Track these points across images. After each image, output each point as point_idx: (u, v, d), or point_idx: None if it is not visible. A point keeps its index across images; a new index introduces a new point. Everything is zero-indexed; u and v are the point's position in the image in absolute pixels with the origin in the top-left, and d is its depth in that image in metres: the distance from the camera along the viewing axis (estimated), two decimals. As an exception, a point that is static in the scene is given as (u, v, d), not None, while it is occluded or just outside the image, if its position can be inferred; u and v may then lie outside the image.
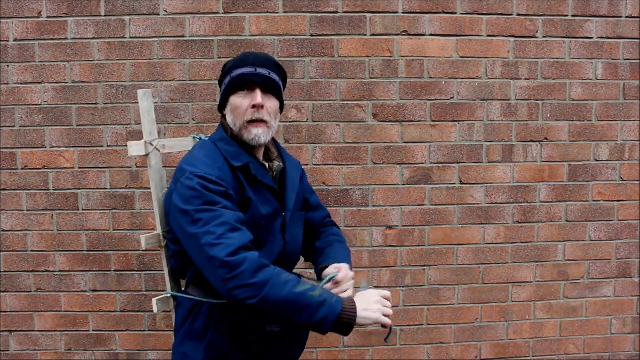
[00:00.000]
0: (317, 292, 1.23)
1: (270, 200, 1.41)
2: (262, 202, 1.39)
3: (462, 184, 2.39)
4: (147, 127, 1.54)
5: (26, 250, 2.34)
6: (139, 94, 1.52)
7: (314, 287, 1.25)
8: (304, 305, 1.20)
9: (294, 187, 1.47)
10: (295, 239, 1.48)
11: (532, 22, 2.35)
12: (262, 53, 1.47)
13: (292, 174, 1.49)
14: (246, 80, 1.36)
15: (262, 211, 1.38)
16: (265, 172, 1.42)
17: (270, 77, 1.38)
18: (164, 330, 2.38)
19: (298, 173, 1.54)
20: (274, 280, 1.20)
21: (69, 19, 2.24)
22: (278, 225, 1.42)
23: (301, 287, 1.22)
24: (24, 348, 2.39)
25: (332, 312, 1.20)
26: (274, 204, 1.42)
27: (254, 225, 1.35)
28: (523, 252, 2.45)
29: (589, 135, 2.43)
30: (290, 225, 1.45)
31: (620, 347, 2.54)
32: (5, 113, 2.28)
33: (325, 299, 1.22)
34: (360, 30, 2.30)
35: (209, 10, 2.25)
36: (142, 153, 1.53)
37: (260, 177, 1.39)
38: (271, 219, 1.40)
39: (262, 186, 1.39)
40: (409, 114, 2.35)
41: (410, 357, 2.45)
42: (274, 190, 1.42)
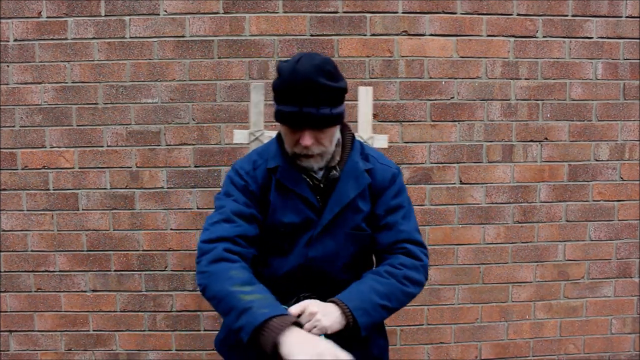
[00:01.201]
0: (250, 296, 1.11)
1: (300, 209, 1.31)
2: (289, 209, 1.31)
3: (462, 184, 2.39)
4: (253, 119, 1.70)
5: (26, 250, 2.34)
6: (251, 86, 1.67)
7: (253, 291, 1.13)
8: (230, 306, 1.12)
9: (339, 201, 1.31)
10: (327, 257, 1.32)
11: (532, 22, 2.35)
12: (309, 70, 1.16)
13: (344, 187, 1.31)
14: (292, 121, 1.21)
15: (283, 218, 1.31)
16: (299, 179, 1.31)
17: (319, 115, 1.19)
18: (164, 330, 2.38)
19: (357, 187, 1.32)
20: (220, 274, 1.17)
21: (69, 19, 2.24)
22: (305, 238, 1.32)
23: (238, 287, 1.13)
24: (24, 348, 2.39)
25: (250, 323, 1.06)
26: (306, 214, 1.31)
27: (272, 230, 1.32)
28: (523, 252, 2.45)
29: (589, 135, 2.43)
30: (324, 240, 1.32)
31: (620, 347, 2.54)
32: (5, 113, 2.28)
33: (251, 306, 1.08)
34: (360, 30, 2.30)
35: (209, 10, 2.25)
36: (245, 141, 1.67)
37: (287, 184, 1.30)
38: (296, 229, 1.32)
39: (292, 193, 1.31)
40: (409, 114, 2.35)
41: (410, 357, 2.45)
42: (307, 200, 1.31)
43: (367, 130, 1.70)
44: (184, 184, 2.31)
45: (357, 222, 1.34)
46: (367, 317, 1.20)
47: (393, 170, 1.40)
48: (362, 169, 1.34)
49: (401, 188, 1.40)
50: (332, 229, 1.32)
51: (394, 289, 1.26)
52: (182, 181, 2.31)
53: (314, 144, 1.24)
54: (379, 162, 1.40)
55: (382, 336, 1.46)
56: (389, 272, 1.28)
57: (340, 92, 1.23)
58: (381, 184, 1.37)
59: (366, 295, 1.23)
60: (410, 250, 1.33)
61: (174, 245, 2.34)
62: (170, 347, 2.39)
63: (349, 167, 1.34)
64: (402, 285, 1.27)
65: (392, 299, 1.26)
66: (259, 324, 1.05)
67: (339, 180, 1.32)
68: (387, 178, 1.38)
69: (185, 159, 2.31)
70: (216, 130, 2.30)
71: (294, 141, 1.26)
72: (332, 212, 1.31)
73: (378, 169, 1.38)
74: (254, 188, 1.31)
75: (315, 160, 1.28)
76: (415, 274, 1.30)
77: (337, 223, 1.32)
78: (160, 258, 2.35)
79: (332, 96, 1.21)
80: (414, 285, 1.30)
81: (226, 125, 2.29)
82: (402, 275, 1.28)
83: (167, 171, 2.31)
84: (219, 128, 2.30)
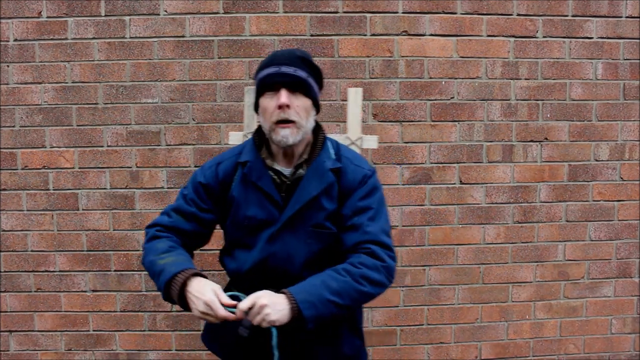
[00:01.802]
0: (164, 260, 1.28)
1: (264, 205, 1.36)
2: (252, 203, 1.37)
3: (462, 184, 2.39)
4: (247, 120, 1.81)
5: (26, 250, 2.34)
6: (245, 89, 1.78)
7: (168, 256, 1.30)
8: (152, 273, 1.31)
9: (300, 198, 1.34)
10: (287, 253, 1.35)
11: (532, 22, 2.35)
12: (290, 50, 1.38)
13: (307, 185, 1.35)
14: (271, 81, 1.32)
15: (247, 212, 1.37)
16: (264, 175, 1.37)
17: (296, 75, 1.31)
18: (164, 330, 2.38)
19: (320, 185, 1.36)
20: (150, 249, 1.36)
21: (69, 19, 2.24)
22: (267, 234, 1.36)
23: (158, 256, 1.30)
24: (24, 348, 2.39)
25: (162, 282, 1.26)
26: (269, 210, 1.36)
27: (237, 223, 1.40)
28: (523, 252, 2.45)
29: (589, 135, 2.43)
30: (285, 237, 1.36)
31: (620, 347, 2.54)
32: (5, 113, 2.28)
33: (163, 268, 1.27)
34: (360, 30, 2.30)
35: (209, 10, 2.26)
36: (239, 142, 1.73)
37: (252, 178, 1.37)
38: (260, 224, 1.37)
39: (256, 188, 1.37)
40: (409, 114, 2.35)
41: (410, 357, 2.45)
42: (271, 196, 1.36)
43: (356, 131, 1.74)
44: (184, 184, 2.31)
45: (319, 220, 1.36)
46: (313, 310, 1.22)
47: (365, 172, 1.41)
48: (327, 168, 1.37)
49: (372, 189, 1.41)
50: (293, 226, 1.35)
51: (347, 287, 1.27)
52: (182, 181, 2.31)
53: (290, 106, 1.30)
54: (353, 164, 1.42)
55: (356, 336, 1.48)
56: (347, 269, 1.29)
57: (315, 69, 1.38)
58: (350, 184, 1.38)
59: (317, 289, 1.25)
60: (374, 251, 1.33)
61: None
62: (170, 347, 2.39)
63: (315, 166, 1.37)
64: (357, 284, 1.28)
65: (344, 296, 1.26)
66: (167, 280, 1.24)
67: (303, 178, 1.36)
68: (357, 179, 1.39)
69: (185, 159, 2.31)
70: (216, 130, 2.30)
71: (272, 108, 1.32)
72: (292, 209, 1.34)
73: (349, 169, 1.40)
74: (212, 182, 1.42)
75: (291, 131, 1.32)
76: (374, 274, 1.30)
77: (299, 220, 1.35)
78: (160, 258, 2.34)
79: (308, 66, 1.35)
80: (372, 285, 1.30)
81: (226, 125, 2.29)
82: (360, 274, 1.28)
83: (167, 171, 2.31)
84: (219, 128, 2.30)
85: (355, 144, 1.76)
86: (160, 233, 1.40)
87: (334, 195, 1.38)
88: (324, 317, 1.25)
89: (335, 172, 1.38)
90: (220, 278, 2.36)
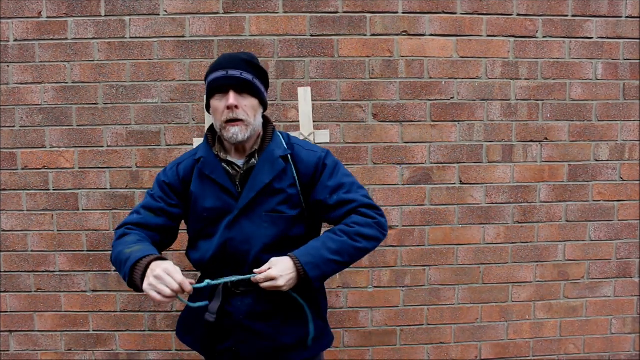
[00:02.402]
0: (129, 249, 1.35)
1: (219, 195, 1.46)
2: (209, 196, 1.47)
3: (462, 184, 2.39)
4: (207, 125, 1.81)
5: (26, 250, 2.34)
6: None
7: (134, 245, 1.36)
8: (119, 262, 1.37)
9: (253, 187, 1.44)
10: (245, 238, 1.44)
11: (532, 22, 2.35)
12: (236, 54, 1.46)
13: (259, 173, 1.45)
14: (219, 84, 1.42)
15: (205, 204, 1.47)
16: (218, 168, 1.47)
17: (242, 78, 1.41)
18: (164, 330, 2.38)
19: (272, 172, 1.46)
20: (119, 244, 1.42)
21: (69, 19, 2.24)
22: (225, 221, 1.45)
23: (125, 247, 1.37)
24: (24, 348, 2.39)
25: (127, 267, 1.32)
26: (224, 199, 1.46)
27: (197, 216, 1.49)
28: (523, 252, 2.45)
29: (589, 135, 2.43)
30: (242, 222, 1.45)
31: (620, 347, 2.54)
32: (5, 113, 2.28)
33: (128, 257, 1.33)
34: (360, 30, 2.30)
35: (209, 10, 2.26)
36: None
37: (206, 172, 1.47)
38: (218, 213, 1.46)
39: (211, 181, 1.47)
40: (409, 114, 2.35)
41: (410, 357, 2.45)
42: (225, 188, 1.46)
43: (308, 127, 1.86)
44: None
45: (273, 206, 1.46)
46: (317, 270, 1.35)
47: (318, 154, 1.51)
48: (277, 155, 1.48)
49: (334, 168, 1.51)
50: (249, 212, 1.45)
51: (345, 246, 1.39)
52: (182, 181, 2.31)
53: (238, 106, 1.41)
54: (305, 149, 1.53)
55: (319, 319, 1.59)
56: (342, 230, 1.41)
57: (261, 71, 1.47)
58: (308, 168, 1.49)
59: (317, 250, 1.38)
60: (363, 212, 1.44)
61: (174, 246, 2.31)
62: (170, 347, 2.39)
63: (265, 155, 1.48)
64: (353, 242, 1.40)
65: (343, 253, 1.39)
66: (131, 265, 1.30)
67: (254, 168, 1.46)
68: (313, 161, 1.49)
69: (185, 159, 2.31)
70: (216, 130, 2.30)
71: (222, 108, 1.42)
72: (247, 197, 1.44)
73: (303, 154, 1.51)
74: (174, 182, 1.52)
75: (240, 129, 1.42)
76: (367, 230, 1.42)
77: (254, 206, 1.45)
78: (160, 258, 2.35)
79: (253, 68, 1.44)
80: (367, 240, 1.42)
81: (226, 125, 2.29)
82: (354, 232, 1.40)
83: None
84: (219, 128, 2.30)
85: (308, 140, 1.86)
86: (129, 230, 1.47)
87: (291, 181, 1.48)
88: (327, 275, 1.40)
89: (288, 159, 1.49)
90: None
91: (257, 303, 1.47)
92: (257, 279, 1.34)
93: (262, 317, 1.48)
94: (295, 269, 1.35)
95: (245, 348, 1.48)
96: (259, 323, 1.47)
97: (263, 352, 1.49)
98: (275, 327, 1.49)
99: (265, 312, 1.47)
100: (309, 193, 1.49)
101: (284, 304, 1.48)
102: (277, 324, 1.49)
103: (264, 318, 1.48)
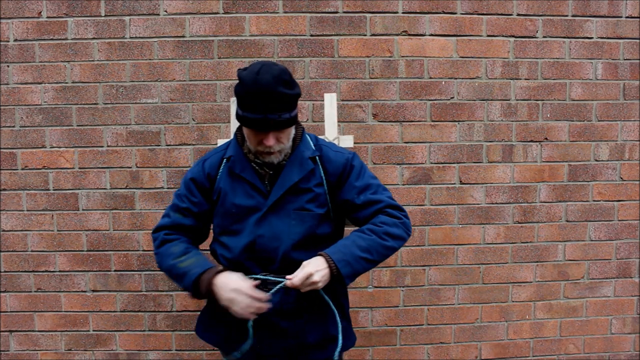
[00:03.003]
0: (184, 263, 1.43)
1: (250, 193, 1.49)
2: (239, 193, 1.50)
3: (462, 184, 2.39)
4: (233, 129, 1.89)
5: (26, 251, 2.34)
6: (231, 100, 1.88)
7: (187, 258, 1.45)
8: (176, 275, 1.45)
9: (282, 185, 1.48)
10: (276, 235, 1.48)
11: (532, 22, 2.35)
12: (270, 84, 1.33)
13: (288, 173, 1.49)
14: (257, 126, 1.39)
15: (234, 200, 1.50)
16: (247, 167, 1.50)
17: (281, 120, 1.38)
18: (164, 330, 2.38)
19: (300, 172, 1.49)
20: (164, 253, 1.49)
21: (69, 19, 2.24)
22: (254, 218, 1.48)
23: (176, 259, 1.45)
24: (24, 348, 2.39)
25: (188, 283, 1.41)
26: (254, 197, 1.49)
27: (225, 212, 1.52)
28: (523, 252, 2.45)
29: (589, 135, 2.43)
30: (271, 220, 1.48)
31: (620, 347, 2.54)
32: (5, 113, 2.28)
33: (186, 271, 1.42)
34: (360, 30, 2.30)
35: (209, 11, 2.26)
36: None
37: (236, 171, 1.50)
38: (246, 210, 1.49)
39: (241, 179, 1.50)
40: (409, 114, 2.35)
41: (410, 357, 2.45)
42: (255, 186, 1.49)
43: (333, 132, 1.93)
44: (184, 184, 2.31)
45: (302, 204, 1.50)
46: (349, 267, 1.40)
47: (346, 156, 1.56)
48: (306, 156, 1.52)
49: (361, 170, 1.56)
50: (277, 210, 1.49)
51: (374, 244, 1.44)
52: (182, 181, 2.31)
53: (275, 143, 1.43)
54: (332, 150, 1.57)
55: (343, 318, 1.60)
56: (371, 229, 1.47)
57: (296, 98, 1.43)
58: (335, 168, 1.53)
59: (348, 248, 1.42)
60: (390, 212, 1.51)
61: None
62: (170, 347, 2.39)
63: (295, 155, 1.51)
64: (382, 240, 1.45)
65: (373, 251, 1.44)
66: (192, 281, 1.39)
67: (284, 167, 1.50)
68: (341, 162, 1.53)
69: (185, 159, 2.31)
70: (216, 130, 2.30)
71: (258, 141, 1.44)
72: (276, 195, 1.48)
73: (331, 155, 1.55)
74: (200, 177, 1.55)
75: (275, 156, 1.47)
76: (395, 229, 1.48)
77: (283, 204, 1.49)
78: (160, 258, 2.34)
79: (290, 103, 1.39)
80: (395, 239, 1.47)
81: (226, 126, 2.29)
82: (383, 231, 1.46)
83: (167, 171, 2.31)
84: (219, 128, 2.30)
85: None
86: (169, 236, 1.52)
87: (318, 181, 1.52)
88: (358, 273, 1.44)
89: (316, 161, 1.53)
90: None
91: (285, 302, 1.48)
92: (294, 282, 1.36)
93: (289, 316, 1.49)
94: (328, 266, 1.39)
95: (269, 346, 1.51)
96: (285, 321, 1.49)
97: (287, 350, 1.51)
98: (301, 325, 1.51)
99: (292, 310, 1.49)
100: (335, 193, 1.54)
101: (309, 304, 1.50)
102: (302, 323, 1.51)
103: (291, 317, 1.50)
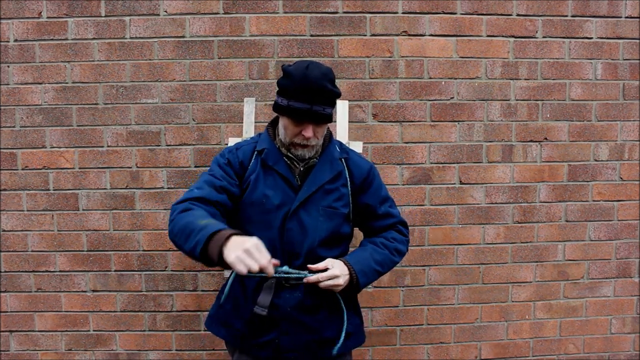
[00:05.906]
0: (205, 221, 1.28)
1: (281, 186, 1.53)
2: (270, 185, 1.53)
3: (462, 184, 2.39)
4: (245, 127, 2.01)
5: (26, 251, 2.34)
6: (244, 100, 2.00)
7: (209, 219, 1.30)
8: (189, 231, 1.29)
9: (314, 182, 1.53)
10: (304, 229, 1.52)
11: (532, 22, 2.35)
12: (321, 80, 1.42)
13: (319, 171, 1.55)
14: (300, 116, 1.45)
15: (265, 191, 1.52)
16: (281, 160, 1.54)
17: (324, 113, 1.45)
18: (164, 330, 2.38)
19: (331, 171, 1.56)
20: (184, 216, 1.34)
21: (69, 20, 2.24)
22: (283, 212, 1.52)
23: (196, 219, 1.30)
24: (24, 348, 2.39)
25: (203, 236, 1.24)
26: (285, 191, 1.53)
27: (254, 201, 1.52)
28: (523, 252, 2.45)
29: (589, 135, 2.43)
30: (300, 215, 1.52)
31: (620, 347, 2.55)
32: (6, 113, 2.28)
33: (205, 225, 1.26)
34: (360, 31, 2.30)
35: (209, 11, 2.26)
36: None
37: (269, 163, 1.54)
38: (276, 202, 1.52)
39: (273, 172, 1.54)
40: (409, 114, 2.35)
41: (410, 357, 2.45)
42: (287, 179, 1.53)
43: (343, 138, 1.99)
44: (184, 184, 2.31)
45: (330, 202, 1.56)
46: (365, 277, 1.53)
47: (369, 163, 1.68)
48: (336, 157, 1.60)
49: (380, 181, 1.69)
50: (307, 206, 1.53)
51: (386, 258, 1.60)
52: (182, 181, 2.31)
53: (313, 136, 1.49)
54: (357, 156, 1.68)
55: (357, 315, 1.70)
56: (384, 244, 1.62)
57: (337, 96, 1.51)
58: (361, 172, 1.62)
59: (367, 260, 1.55)
60: (400, 230, 1.68)
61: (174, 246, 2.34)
62: (170, 347, 2.39)
63: (326, 155, 1.59)
64: (392, 256, 1.62)
65: (384, 265, 1.59)
66: (210, 233, 1.22)
67: (316, 165, 1.56)
68: (366, 168, 1.64)
69: (185, 159, 2.31)
70: (216, 130, 2.30)
71: (296, 132, 1.49)
72: (307, 192, 1.53)
73: (356, 159, 1.65)
74: (235, 163, 1.56)
75: (308, 150, 1.53)
76: (402, 246, 1.66)
77: (312, 201, 1.54)
78: (160, 258, 2.35)
79: (332, 99, 1.48)
80: (400, 255, 1.65)
81: (226, 126, 2.29)
82: (393, 247, 1.63)
83: (167, 171, 2.31)
84: (219, 128, 2.30)
85: None
86: (193, 205, 1.40)
87: (344, 181, 1.60)
88: (370, 283, 1.57)
89: (343, 162, 1.61)
90: (221, 278, 2.36)
91: (306, 297, 1.53)
92: (320, 276, 1.44)
93: (310, 311, 1.54)
94: (349, 274, 1.50)
95: (288, 340, 1.53)
96: (306, 316, 1.53)
97: (306, 345, 1.55)
98: (320, 321, 1.56)
99: (313, 306, 1.54)
100: (357, 195, 1.62)
101: (329, 300, 1.56)
102: (321, 319, 1.56)
103: (312, 312, 1.54)
